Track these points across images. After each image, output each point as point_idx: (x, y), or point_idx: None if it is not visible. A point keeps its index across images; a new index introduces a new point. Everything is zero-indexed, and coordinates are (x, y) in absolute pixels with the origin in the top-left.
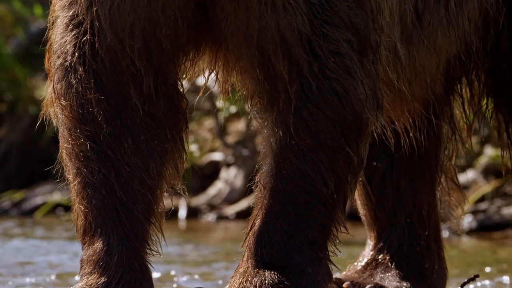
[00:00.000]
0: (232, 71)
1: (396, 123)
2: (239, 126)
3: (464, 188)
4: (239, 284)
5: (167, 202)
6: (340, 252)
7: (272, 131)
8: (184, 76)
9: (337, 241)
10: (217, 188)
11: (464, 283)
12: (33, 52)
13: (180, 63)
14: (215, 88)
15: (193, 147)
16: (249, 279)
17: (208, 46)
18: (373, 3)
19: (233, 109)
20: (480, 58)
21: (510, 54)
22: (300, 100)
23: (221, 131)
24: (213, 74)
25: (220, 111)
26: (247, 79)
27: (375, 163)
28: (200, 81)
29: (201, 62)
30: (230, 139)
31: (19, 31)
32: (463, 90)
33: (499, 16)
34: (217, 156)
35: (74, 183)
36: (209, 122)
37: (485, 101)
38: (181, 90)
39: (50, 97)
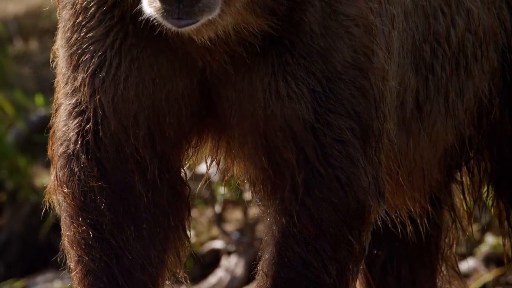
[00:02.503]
0: (234, 158)
1: (398, 211)
2: (239, 213)
3: (465, 276)
4: None
5: None
6: None
7: (274, 219)
8: (186, 163)
9: None
10: (218, 276)
11: None
12: (34, 140)
13: (183, 151)
14: (215, 177)
15: (193, 235)
16: None
17: (210, 134)
18: (376, 92)
19: (232, 196)
20: (475, 147)
21: (511, 141)
22: (305, 187)
23: (220, 219)
24: (209, 162)
25: (218, 199)
26: (250, 166)
27: (375, 251)
28: (201, 169)
29: (204, 149)
30: (230, 227)
31: (20, 120)
32: (463, 178)
33: (491, 106)
34: (218, 244)
35: (76, 271)
36: (210, 210)
37: (485, 189)
38: (183, 177)
39: (53, 184)
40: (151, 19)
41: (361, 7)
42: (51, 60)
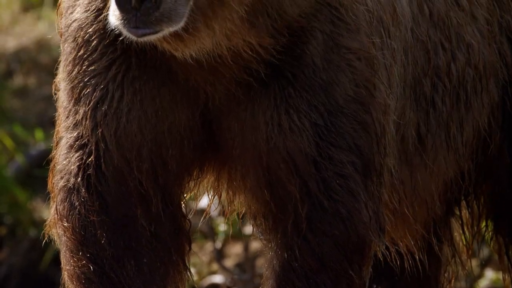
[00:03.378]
0: (236, 191)
1: (398, 245)
2: (239, 248)
3: None
4: None
5: None
6: None
7: (275, 252)
8: (187, 196)
9: None
10: None
11: None
12: (34, 174)
13: (185, 183)
14: (214, 211)
15: (194, 272)
16: None
17: (212, 166)
18: (378, 126)
19: (232, 230)
20: (474, 181)
21: (511, 176)
22: (308, 221)
23: (220, 255)
24: (211, 196)
25: (218, 234)
26: (252, 199)
27: (375, 286)
28: (200, 203)
29: (205, 182)
30: (230, 261)
31: (20, 154)
32: (462, 212)
33: (491, 140)
34: (217, 278)
35: None
36: (209, 244)
37: (484, 223)
38: (184, 211)
39: (53, 218)
40: (116, 29)
41: (363, 40)
42: (53, 92)
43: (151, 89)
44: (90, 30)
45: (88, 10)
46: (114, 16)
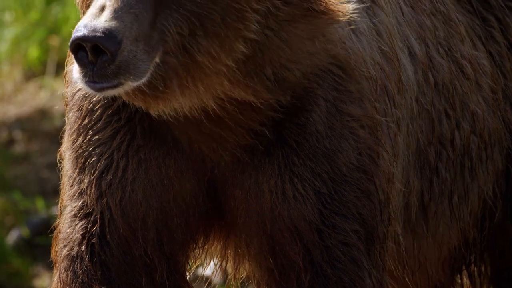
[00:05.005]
0: (240, 258)
1: None
2: None
3: None
4: None
5: None
6: None
7: None
8: (193, 266)
9: None
10: None
11: None
12: (35, 242)
13: (190, 252)
14: (218, 279)
15: None
16: None
17: (217, 234)
18: (381, 194)
19: None
20: (477, 249)
21: None
22: None
23: None
24: (216, 263)
25: None
26: (256, 267)
27: None
28: (200, 270)
29: (210, 250)
30: None
31: (21, 222)
32: (464, 280)
33: (495, 209)
34: None
35: None
36: None
37: None
38: (188, 279)
39: (56, 286)
40: (80, 86)
41: (367, 108)
42: (58, 161)
43: (156, 158)
44: (95, 99)
45: None
46: (75, 71)
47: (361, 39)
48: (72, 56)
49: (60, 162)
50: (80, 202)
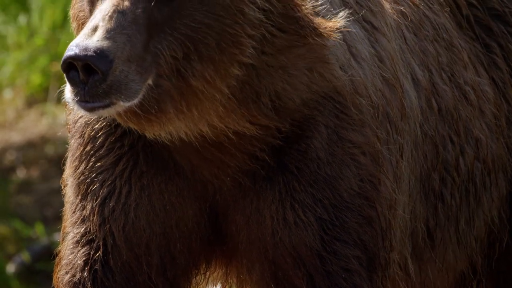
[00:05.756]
0: (243, 284)
1: None
2: None
3: None
4: None
5: None
6: None
7: None
8: None
9: None
10: None
11: None
12: (37, 269)
13: (192, 277)
14: None
15: None
16: None
17: (219, 259)
18: (383, 221)
19: None
20: (485, 275)
21: None
22: None
23: None
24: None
25: None
26: None
27: None
28: None
29: (212, 276)
30: None
31: (22, 249)
32: None
33: (501, 234)
34: None
35: None
36: None
37: None
38: None
39: None
40: (72, 103)
41: (368, 135)
42: (61, 188)
43: (159, 184)
44: (97, 126)
45: None
46: (67, 90)
47: (362, 66)
48: (65, 75)
49: (63, 189)
50: (83, 229)
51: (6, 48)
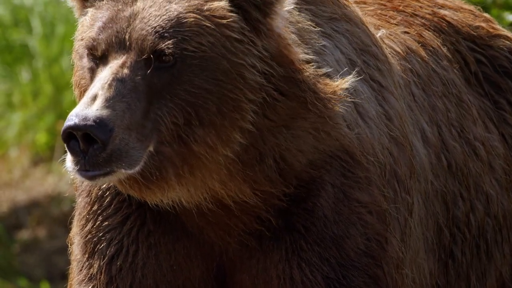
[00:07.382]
0: None
1: None
2: None
3: None
4: None
5: None
6: None
7: None
8: None
9: None
10: None
11: None
12: None
13: None
14: None
15: None
16: None
17: None
18: (389, 280)
19: None
20: None
21: None
22: None
23: None
24: None
25: None
26: None
27: None
28: None
29: None
30: None
31: None
32: None
33: None
34: None
35: None
36: None
37: None
38: None
39: None
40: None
41: (375, 194)
42: (69, 245)
43: (166, 244)
44: (104, 186)
45: None
46: (68, 160)
47: (369, 124)
48: (65, 144)
49: (69, 247)
50: (90, 287)
51: (12, 107)
